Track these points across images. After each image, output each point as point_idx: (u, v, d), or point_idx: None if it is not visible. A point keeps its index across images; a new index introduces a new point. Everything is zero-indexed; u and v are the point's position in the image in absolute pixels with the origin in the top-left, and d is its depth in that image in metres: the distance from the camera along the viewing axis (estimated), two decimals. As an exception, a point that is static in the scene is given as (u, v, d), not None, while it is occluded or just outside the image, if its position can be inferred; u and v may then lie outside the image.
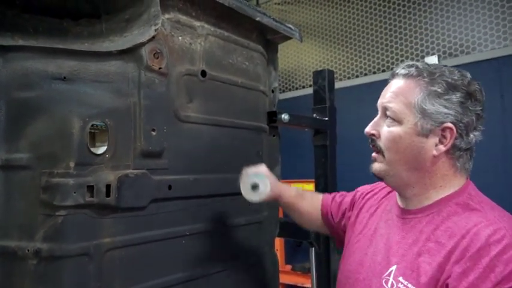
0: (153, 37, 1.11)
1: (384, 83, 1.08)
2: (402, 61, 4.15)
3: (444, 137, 0.95)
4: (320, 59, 4.89)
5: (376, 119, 1.03)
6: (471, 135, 0.95)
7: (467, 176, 1.00)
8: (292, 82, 5.18)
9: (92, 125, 1.02)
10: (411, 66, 0.99)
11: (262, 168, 1.31)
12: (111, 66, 1.06)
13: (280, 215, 1.91)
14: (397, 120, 0.97)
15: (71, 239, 0.96)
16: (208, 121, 1.29)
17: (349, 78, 4.58)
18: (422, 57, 4.03)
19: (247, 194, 1.23)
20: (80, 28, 1.10)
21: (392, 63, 4.26)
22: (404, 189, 1.01)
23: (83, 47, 1.06)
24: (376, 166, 1.02)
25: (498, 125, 3.49)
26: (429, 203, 0.98)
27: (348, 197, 1.31)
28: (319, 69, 2.10)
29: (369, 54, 4.47)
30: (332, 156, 1.94)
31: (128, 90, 1.08)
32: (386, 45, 4.36)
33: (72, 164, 0.97)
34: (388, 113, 0.99)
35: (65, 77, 1.00)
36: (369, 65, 4.47)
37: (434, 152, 0.95)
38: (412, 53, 4.14)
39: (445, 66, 0.99)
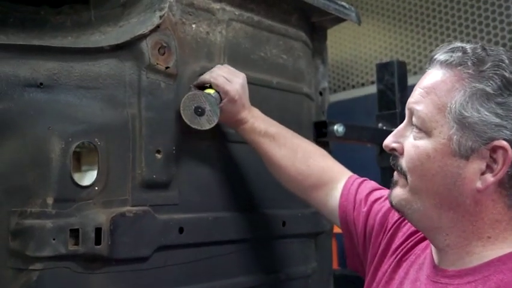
0: (158, 26, 1.11)
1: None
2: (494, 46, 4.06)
3: (495, 161, 0.85)
4: (385, 47, 4.85)
5: (400, 126, 0.97)
6: None
7: None
8: (348, 79, 5.15)
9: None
10: (455, 49, 0.90)
11: (220, 80, 1.21)
12: (101, 66, 1.07)
13: (335, 265, 1.88)
14: (425, 131, 0.89)
15: (49, 303, 0.97)
16: (232, 137, 1.29)
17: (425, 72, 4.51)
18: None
19: (189, 119, 1.15)
20: (62, 17, 1.13)
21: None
22: (435, 235, 0.94)
23: (66, 43, 1.08)
24: (397, 193, 0.95)
25: None
26: (472, 265, 0.90)
27: (381, 206, 1.19)
28: (385, 60, 2.07)
29: (455, 37, 4.40)
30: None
31: (124, 98, 1.09)
32: (479, 24, 4.27)
33: (50, 200, 0.98)
34: (414, 119, 0.92)
35: (41, 84, 1.01)
36: (455, 53, 4.38)
37: (479, 185, 0.86)
38: (516, 34, 4.04)
39: (510, 50, 0.90)
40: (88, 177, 1.06)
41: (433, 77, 0.91)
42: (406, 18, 4.73)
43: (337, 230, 1.66)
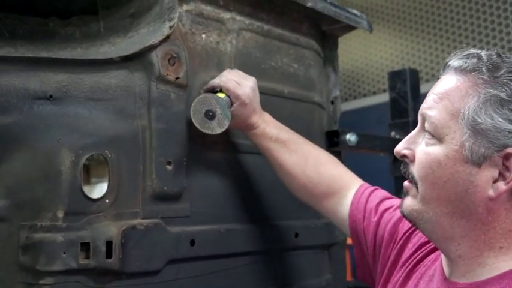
0: (168, 37, 1.12)
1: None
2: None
3: (507, 168, 0.84)
4: (397, 55, 4.83)
5: (412, 132, 0.96)
6: None
7: None
8: (359, 87, 5.14)
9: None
10: (470, 55, 0.89)
11: (231, 84, 1.20)
12: (111, 78, 1.08)
13: (348, 277, 1.86)
14: (437, 137, 0.88)
15: (59, 318, 0.96)
16: (245, 148, 1.29)
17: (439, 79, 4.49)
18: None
19: (199, 123, 1.13)
20: (71, 29, 1.13)
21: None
22: (447, 245, 0.92)
23: (75, 54, 1.08)
24: (409, 203, 0.94)
25: None
26: (484, 277, 0.88)
27: (391, 216, 1.17)
28: (397, 68, 2.06)
29: (467, 44, 4.37)
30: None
31: (134, 110, 1.09)
32: (492, 30, 4.25)
33: (60, 214, 0.98)
34: (426, 124, 0.91)
35: (51, 96, 1.02)
36: (468, 60, 4.36)
37: (491, 193, 0.84)
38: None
39: None
40: (97, 190, 1.05)
41: (447, 83, 0.90)
42: (418, 25, 4.72)
43: (350, 241, 1.65)
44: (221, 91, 1.20)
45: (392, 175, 1.95)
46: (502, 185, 0.84)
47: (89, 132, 1.03)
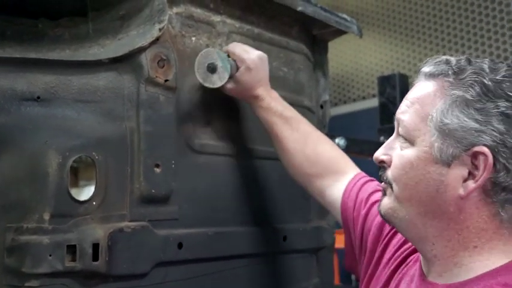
0: (157, 39, 1.11)
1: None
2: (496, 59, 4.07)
3: (476, 167, 0.85)
4: (387, 60, 4.86)
5: (390, 139, 0.99)
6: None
7: None
8: (349, 92, 5.16)
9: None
10: (440, 61, 0.93)
11: (237, 49, 1.25)
12: (100, 80, 1.07)
13: (337, 280, 1.86)
14: (409, 140, 0.92)
15: (45, 321, 0.96)
16: (232, 151, 1.28)
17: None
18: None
19: (202, 77, 1.18)
20: (60, 30, 1.13)
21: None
22: (422, 245, 0.94)
23: (64, 56, 1.08)
24: (385, 202, 0.97)
25: None
26: (461, 278, 0.89)
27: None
28: (386, 73, 2.07)
29: (456, 51, 4.40)
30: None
31: (122, 112, 1.09)
32: (481, 37, 4.28)
33: (47, 216, 0.97)
34: (400, 129, 0.94)
35: (38, 97, 1.01)
36: (457, 66, 4.39)
37: (461, 192, 0.86)
38: (518, 47, 4.04)
39: (494, 60, 0.92)
40: (85, 193, 1.05)
41: (418, 88, 0.94)
42: (408, 31, 4.75)
43: (338, 245, 1.65)
44: (228, 57, 1.23)
45: (380, 180, 1.95)
46: (471, 184, 0.85)
47: (77, 134, 1.03)
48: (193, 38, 1.22)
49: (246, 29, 1.34)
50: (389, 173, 0.95)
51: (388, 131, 1.98)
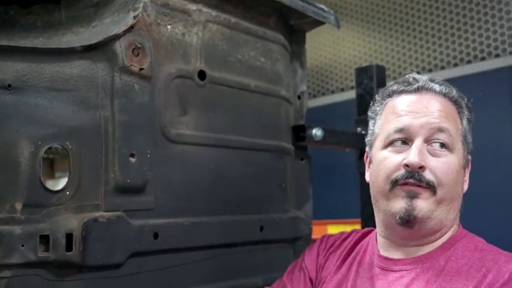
0: (132, 27, 1.11)
1: (456, 82, 1.14)
2: (477, 55, 4.11)
3: (468, 169, 1.15)
4: (365, 52, 4.88)
5: (420, 146, 1.06)
6: None
7: None
8: (327, 84, 5.17)
9: (49, 148, 1.02)
10: (443, 83, 1.13)
11: None
12: (73, 68, 1.06)
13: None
14: (451, 149, 1.08)
15: (17, 312, 0.95)
16: (209, 141, 1.28)
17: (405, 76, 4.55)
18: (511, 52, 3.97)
19: None
20: (32, 17, 1.11)
21: (468, 54, 4.21)
22: (433, 235, 1.09)
23: (37, 43, 1.06)
24: (425, 205, 1.05)
25: None
26: (433, 248, 1.09)
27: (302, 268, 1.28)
28: (364, 64, 2.08)
29: (433, 43, 4.44)
30: (385, 187, 1.91)
31: (97, 100, 1.08)
32: (458, 30, 4.32)
33: (19, 206, 0.96)
34: (442, 136, 1.07)
35: (9, 85, 1.00)
36: (435, 58, 4.43)
37: (465, 187, 1.14)
38: (496, 45, 4.09)
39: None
40: (61, 184, 1.04)
41: (443, 103, 1.11)
42: (386, 23, 4.77)
43: (315, 235, 1.66)
44: None
45: (357, 171, 1.96)
46: (467, 179, 1.14)
47: (49, 122, 1.02)
48: (169, 27, 1.22)
49: (223, 18, 1.34)
50: (433, 178, 1.05)
51: (365, 122, 1.99)
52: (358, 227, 1.97)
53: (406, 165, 1.04)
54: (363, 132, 1.95)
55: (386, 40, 4.76)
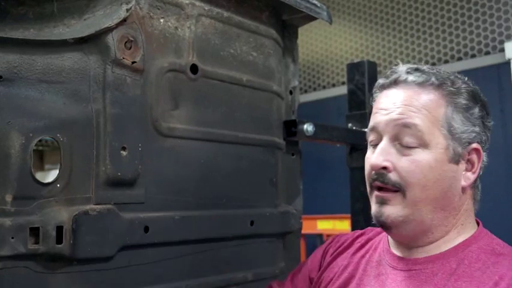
0: (124, 20, 1.10)
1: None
2: (466, 50, 4.13)
3: (470, 161, 1.03)
4: (357, 48, 4.89)
5: (384, 145, 1.02)
6: (485, 158, 1.05)
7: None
8: (319, 79, 5.18)
9: (40, 140, 1.01)
10: (423, 71, 1.04)
11: None
12: (65, 60, 1.06)
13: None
14: (423, 144, 0.99)
15: (7, 304, 0.95)
16: (200, 135, 1.28)
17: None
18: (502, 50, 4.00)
19: None
20: (24, 8, 1.10)
21: (459, 52, 4.23)
22: (421, 238, 1.03)
23: (28, 35, 1.05)
24: (392, 211, 1.01)
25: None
26: (446, 249, 1.03)
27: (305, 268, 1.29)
28: (356, 60, 2.08)
29: (424, 40, 4.46)
30: (375, 183, 1.92)
31: (88, 93, 1.07)
32: (449, 27, 4.34)
33: (9, 198, 0.96)
34: (408, 133, 1.00)
35: (0, 77, 0.99)
36: (426, 55, 4.45)
37: (463, 183, 1.02)
38: (486, 43, 4.12)
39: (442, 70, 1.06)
40: (51, 176, 1.04)
41: (411, 94, 1.02)
42: (377, 19, 4.79)
43: (305, 230, 1.67)
44: None
45: (348, 166, 1.97)
46: (470, 175, 1.03)
47: (41, 115, 1.01)
48: (162, 20, 1.21)
49: (216, 12, 1.33)
50: (400, 179, 1.00)
51: (356, 118, 2.00)
52: (348, 222, 1.98)
53: (372, 167, 1.03)
54: (354, 127, 1.96)
55: (378, 36, 4.77)
